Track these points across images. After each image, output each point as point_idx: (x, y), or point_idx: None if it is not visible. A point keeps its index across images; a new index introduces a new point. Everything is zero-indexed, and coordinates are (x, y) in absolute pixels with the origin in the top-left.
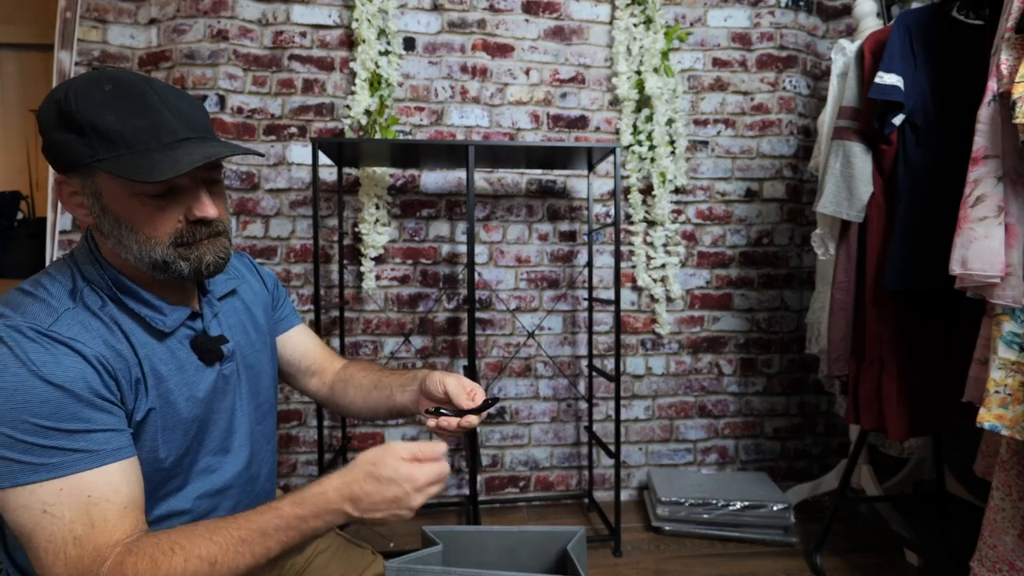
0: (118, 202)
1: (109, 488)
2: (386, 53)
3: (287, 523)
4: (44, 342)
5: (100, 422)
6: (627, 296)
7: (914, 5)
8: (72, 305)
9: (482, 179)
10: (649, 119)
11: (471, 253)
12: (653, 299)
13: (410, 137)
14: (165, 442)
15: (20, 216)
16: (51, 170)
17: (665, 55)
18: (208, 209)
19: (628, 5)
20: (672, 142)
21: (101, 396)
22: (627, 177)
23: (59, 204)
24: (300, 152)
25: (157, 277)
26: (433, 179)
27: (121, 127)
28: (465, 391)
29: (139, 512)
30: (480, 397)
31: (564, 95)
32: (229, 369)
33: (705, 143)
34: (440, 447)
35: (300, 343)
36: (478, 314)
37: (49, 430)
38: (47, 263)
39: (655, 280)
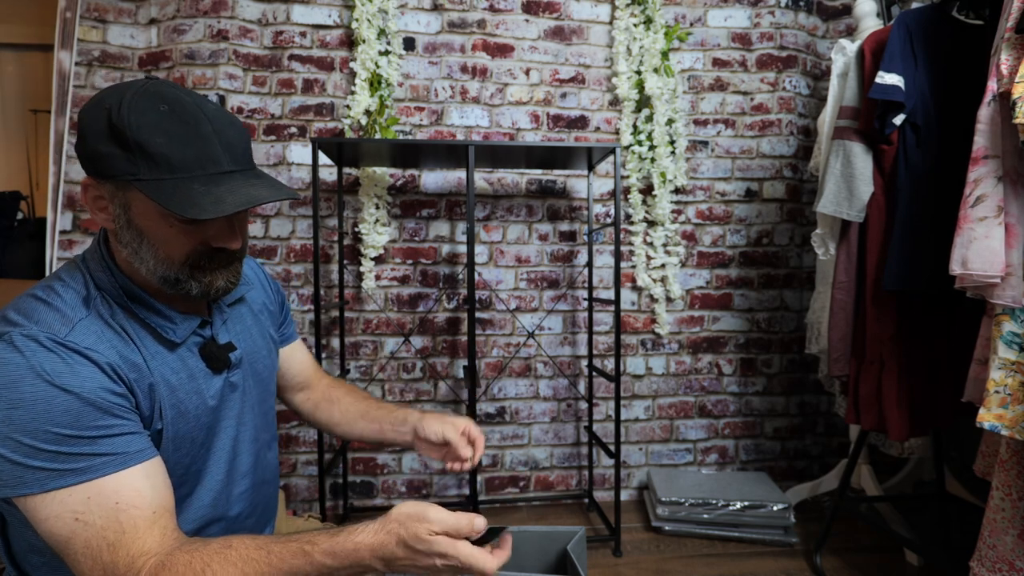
0: (146, 219)
1: (134, 493)
2: (386, 53)
3: (318, 571)
4: (61, 352)
5: (120, 427)
6: (627, 296)
7: (914, 5)
8: (86, 314)
9: (482, 179)
10: (649, 119)
11: (471, 253)
12: (653, 299)
13: (410, 137)
14: (176, 450)
15: (20, 216)
16: (50, 166)
17: (665, 55)
18: (234, 242)
19: (628, 5)
20: (672, 142)
21: (118, 404)
22: (627, 177)
23: (59, 204)
24: (300, 152)
25: (166, 291)
26: (433, 179)
27: (168, 153)
28: (462, 437)
29: (168, 517)
30: (477, 436)
31: (564, 95)
32: (236, 377)
33: (705, 143)
34: (479, 522)
35: (297, 359)
36: (478, 314)
37: (71, 438)
38: (47, 263)
39: (655, 280)
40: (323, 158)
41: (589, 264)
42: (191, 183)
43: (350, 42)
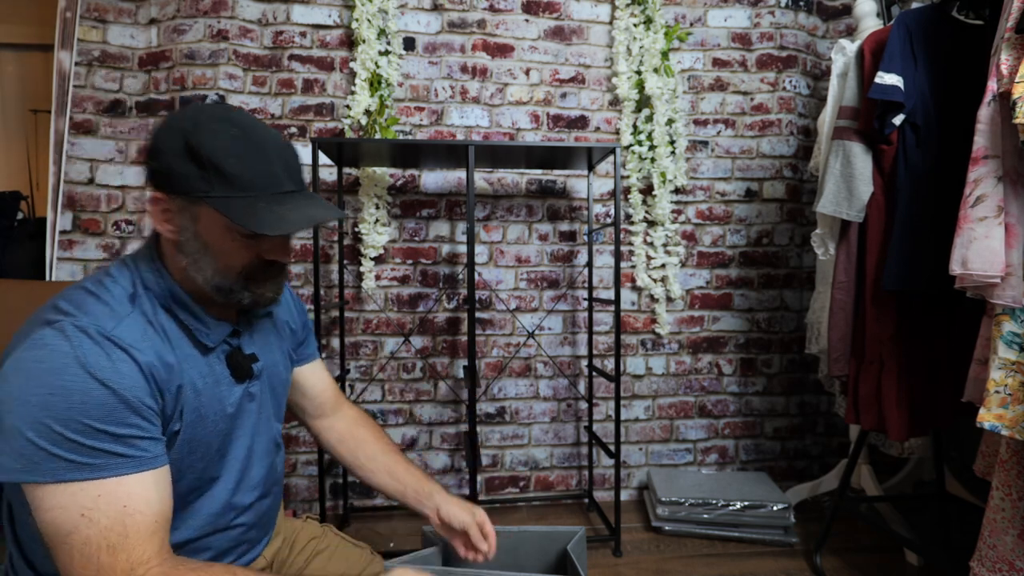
0: (211, 232)
1: (143, 499)
2: (386, 53)
3: None
4: (106, 346)
5: (144, 429)
6: (627, 296)
7: (914, 5)
8: (131, 310)
9: (482, 179)
10: (649, 119)
11: (471, 253)
12: (653, 299)
13: (410, 137)
14: (190, 452)
15: (20, 216)
16: (50, 166)
17: (665, 55)
18: (286, 256)
19: (628, 5)
20: (672, 142)
21: (148, 405)
22: (627, 177)
23: (59, 204)
24: (300, 152)
25: (217, 299)
26: (433, 179)
27: (239, 173)
28: (477, 528)
29: (166, 529)
30: (490, 532)
31: (564, 95)
32: (255, 388)
33: (705, 143)
34: None
35: (317, 380)
36: (478, 314)
37: (99, 432)
38: (47, 263)
39: (655, 280)
40: (323, 158)
41: (589, 264)
42: (257, 201)
43: (350, 42)
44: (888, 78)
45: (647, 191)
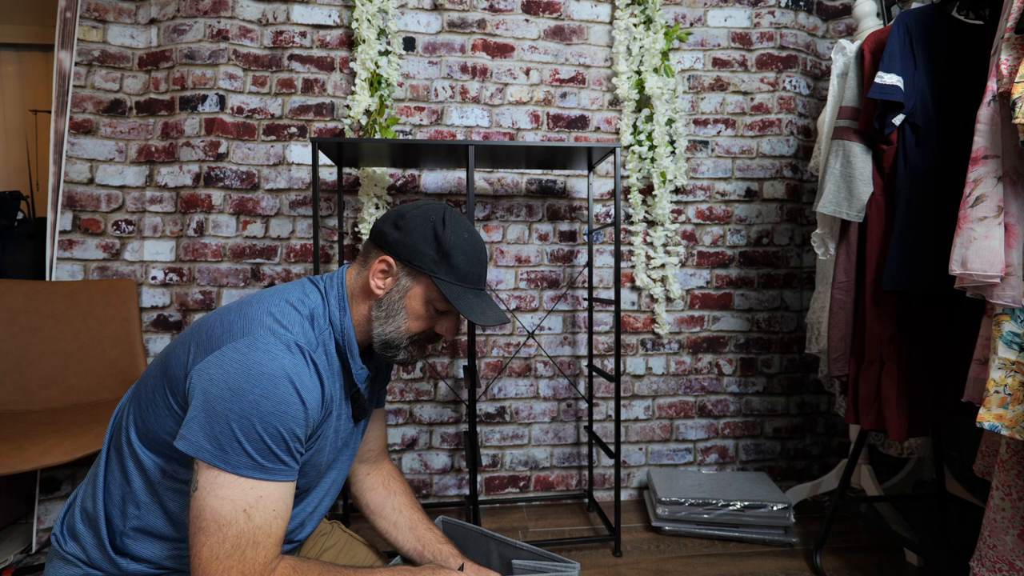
0: (414, 300)
1: (283, 507)
2: (386, 53)
3: None
4: (311, 369)
5: (304, 445)
6: (627, 296)
7: (914, 5)
8: (317, 339)
9: (482, 179)
10: (649, 119)
11: None
12: (653, 299)
13: (410, 137)
14: (302, 476)
15: (20, 216)
16: (50, 166)
17: (665, 55)
18: (452, 335)
19: (628, 5)
20: (672, 142)
21: (312, 427)
22: (627, 177)
23: (59, 204)
24: (300, 152)
25: (381, 353)
26: (433, 179)
27: (464, 268)
28: None
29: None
30: None
31: (564, 95)
32: (361, 427)
33: (705, 143)
34: None
35: (376, 425)
36: None
37: (283, 440)
38: (47, 263)
39: (655, 280)
40: (323, 158)
41: (589, 264)
42: (466, 293)
43: (350, 42)
44: (888, 78)
45: (647, 191)
